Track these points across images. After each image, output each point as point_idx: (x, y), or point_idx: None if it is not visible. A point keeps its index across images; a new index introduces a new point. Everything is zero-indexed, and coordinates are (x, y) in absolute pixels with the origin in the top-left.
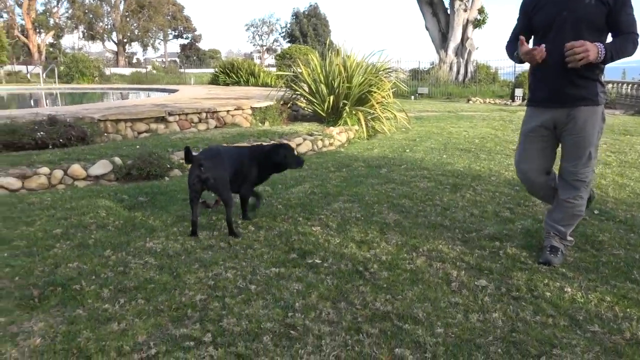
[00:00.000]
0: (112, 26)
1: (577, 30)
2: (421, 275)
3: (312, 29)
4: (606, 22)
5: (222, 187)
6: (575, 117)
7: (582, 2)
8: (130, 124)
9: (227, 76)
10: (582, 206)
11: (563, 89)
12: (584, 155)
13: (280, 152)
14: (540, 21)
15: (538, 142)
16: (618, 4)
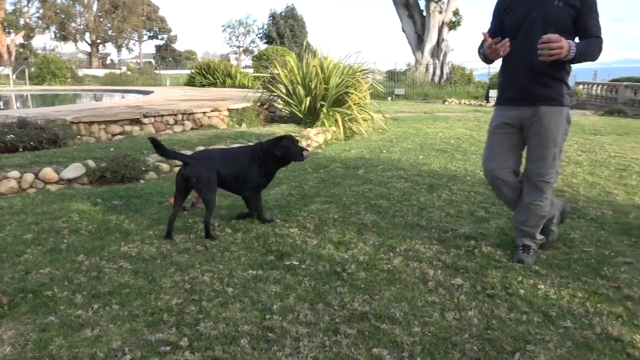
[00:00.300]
0: (85, 26)
1: (545, 31)
2: (398, 275)
3: (289, 30)
4: (574, 25)
5: (204, 187)
6: (541, 116)
7: (550, 5)
8: (104, 126)
9: (204, 77)
10: (547, 206)
11: (530, 87)
12: (549, 156)
13: (282, 144)
14: (511, 22)
15: (505, 138)
16: (585, 8)
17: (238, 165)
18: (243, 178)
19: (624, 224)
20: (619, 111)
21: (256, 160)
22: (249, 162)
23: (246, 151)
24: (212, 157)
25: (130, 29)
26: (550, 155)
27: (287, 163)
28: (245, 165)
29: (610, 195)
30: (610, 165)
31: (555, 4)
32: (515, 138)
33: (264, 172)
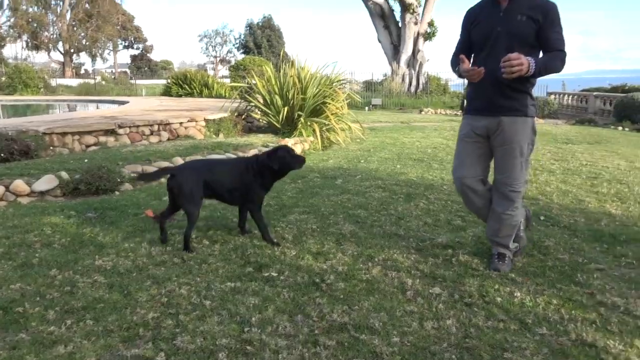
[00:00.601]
0: (58, 36)
1: (510, 45)
2: (377, 285)
3: (266, 40)
4: (537, 38)
5: (184, 198)
6: (506, 127)
7: (514, 20)
8: (78, 137)
9: (180, 87)
10: (518, 216)
11: (495, 99)
12: (516, 166)
13: (278, 155)
14: (477, 35)
15: (473, 147)
16: (547, 22)
17: (232, 177)
18: (242, 191)
19: (595, 231)
20: (590, 120)
21: (251, 172)
22: (244, 174)
23: (240, 163)
24: (198, 168)
25: (105, 38)
26: (518, 165)
27: (285, 174)
28: (241, 178)
29: (583, 202)
30: (582, 174)
31: (518, 19)
32: (483, 147)
33: (262, 184)
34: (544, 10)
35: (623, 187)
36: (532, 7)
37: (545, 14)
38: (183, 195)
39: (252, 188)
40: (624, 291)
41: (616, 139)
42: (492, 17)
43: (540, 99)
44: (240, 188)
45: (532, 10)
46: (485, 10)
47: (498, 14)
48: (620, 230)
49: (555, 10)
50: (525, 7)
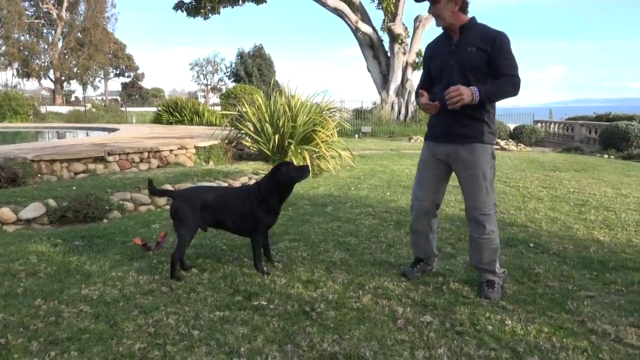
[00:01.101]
0: (49, 64)
1: (463, 75)
2: (368, 314)
3: (257, 69)
4: (488, 66)
5: (178, 221)
6: (465, 154)
7: (465, 52)
8: (67, 164)
9: (171, 115)
10: (496, 239)
11: (452, 127)
12: (482, 190)
13: (282, 171)
14: (435, 68)
15: (433, 170)
16: (495, 51)
17: (236, 206)
18: (249, 220)
19: (585, 258)
20: (576, 148)
21: (256, 200)
22: (249, 202)
23: (244, 191)
24: (199, 194)
25: (96, 66)
26: (483, 189)
27: (290, 191)
28: (246, 206)
29: (571, 230)
30: (569, 201)
31: (469, 51)
32: (441, 170)
33: (268, 211)
34: (492, 40)
35: (610, 214)
36: (481, 39)
37: (493, 43)
38: (178, 218)
39: (257, 216)
40: (614, 318)
41: (602, 166)
42: (445, 50)
43: (527, 127)
44: (251, 216)
45: (481, 42)
46: (440, 44)
47: (450, 47)
48: (608, 257)
49: (503, 39)
50: (475, 39)
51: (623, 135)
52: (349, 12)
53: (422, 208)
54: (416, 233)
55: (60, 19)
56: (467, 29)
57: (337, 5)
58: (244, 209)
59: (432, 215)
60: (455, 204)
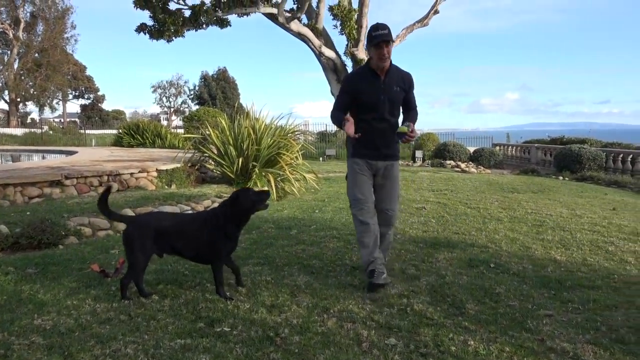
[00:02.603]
0: (4, 84)
1: (391, 109)
2: (332, 337)
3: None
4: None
5: (129, 248)
6: (390, 169)
7: (392, 90)
8: (21, 189)
9: (132, 137)
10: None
11: (383, 149)
12: (397, 195)
13: (240, 199)
14: (367, 101)
15: (366, 179)
16: (410, 90)
17: (193, 233)
18: (208, 248)
19: (543, 277)
20: (533, 170)
21: (215, 227)
22: (207, 230)
23: (201, 218)
24: (153, 220)
25: (55, 87)
26: (397, 195)
27: (248, 218)
28: (204, 234)
29: (530, 249)
30: (528, 222)
31: (394, 89)
32: (371, 181)
33: (229, 237)
34: (407, 80)
35: (566, 234)
36: (400, 80)
37: (409, 83)
38: (126, 243)
39: (216, 244)
40: (572, 336)
41: (557, 188)
42: (376, 87)
43: (486, 150)
44: (203, 245)
45: (401, 82)
46: (367, 79)
47: (380, 85)
48: (565, 276)
49: (412, 80)
50: (396, 80)
51: (576, 158)
52: (313, 37)
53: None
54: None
55: (17, 39)
56: (391, 70)
57: (300, 30)
58: (201, 237)
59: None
60: (419, 226)
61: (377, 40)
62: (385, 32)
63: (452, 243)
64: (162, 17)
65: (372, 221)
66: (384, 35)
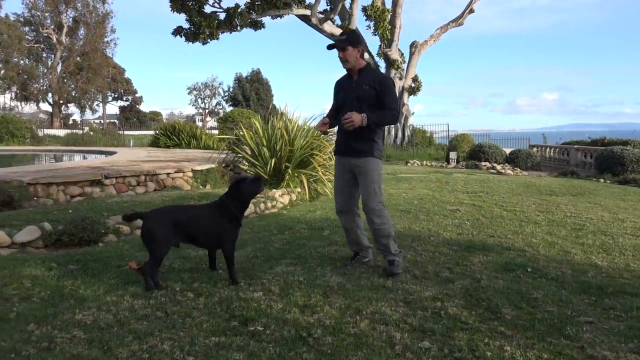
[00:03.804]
0: (47, 87)
1: (360, 106)
2: (365, 339)
3: (254, 93)
4: (377, 101)
5: (149, 240)
6: (362, 165)
7: (361, 88)
8: (63, 188)
9: (168, 138)
10: (386, 225)
11: (352, 144)
12: (372, 191)
13: (241, 187)
14: (340, 100)
15: (343, 178)
16: (382, 90)
17: (205, 221)
18: (219, 234)
19: (583, 282)
20: (572, 172)
21: (224, 214)
22: (218, 217)
23: (210, 208)
24: (168, 213)
25: (95, 90)
26: (371, 189)
27: (248, 203)
28: (215, 221)
29: (569, 254)
30: (567, 225)
31: (364, 88)
32: (350, 179)
33: (237, 222)
34: (380, 81)
35: (607, 239)
36: (372, 80)
37: (380, 83)
38: (150, 239)
39: (227, 229)
40: (614, 344)
41: (598, 191)
42: (348, 87)
43: (523, 152)
44: (220, 231)
45: (372, 82)
46: (344, 82)
47: (351, 85)
48: (607, 282)
49: (387, 82)
50: (368, 80)
51: (618, 160)
52: None
53: (342, 210)
54: (346, 230)
55: (60, 43)
56: (364, 72)
57: (333, 31)
58: (213, 224)
59: (354, 215)
60: (453, 229)
61: (329, 47)
62: (342, 37)
63: (487, 246)
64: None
65: (349, 225)
66: (336, 41)
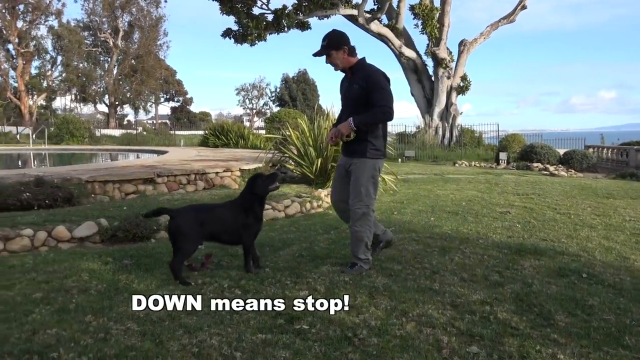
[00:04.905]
0: (104, 89)
1: (353, 105)
2: (411, 342)
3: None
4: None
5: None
6: (354, 165)
7: (352, 88)
8: (118, 185)
9: (217, 138)
10: (363, 230)
11: (345, 145)
12: (357, 192)
13: (257, 184)
14: (341, 100)
15: (340, 177)
16: (369, 87)
17: (228, 219)
18: (241, 229)
19: None
20: (631, 174)
21: (245, 210)
22: (237, 213)
23: (231, 205)
24: (196, 210)
25: (148, 91)
26: (357, 192)
27: (265, 199)
28: (237, 218)
29: (628, 260)
30: (625, 230)
31: (354, 87)
32: (345, 177)
33: (257, 218)
34: (367, 78)
35: None
36: (361, 78)
37: (367, 81)
38: (181, 234)
39: (248, 225)
40: None
41: None
42: (343, 87)
43: (577, 152)
44: (241, 226)
45: (360, 80)
46: (344, 81)
47: (346, 83)
48: None
49: (374, 77)
50: (357, 78)
51: None
52: (393, 37)
53: (339, 208)
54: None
55: (116, 47)
56: (356, 69)
57: (380, 31)
58: (235, 221)
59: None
60: (503, 231)
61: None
62: (323, 44)
63: (539, 250)
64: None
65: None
66: (320, 49)
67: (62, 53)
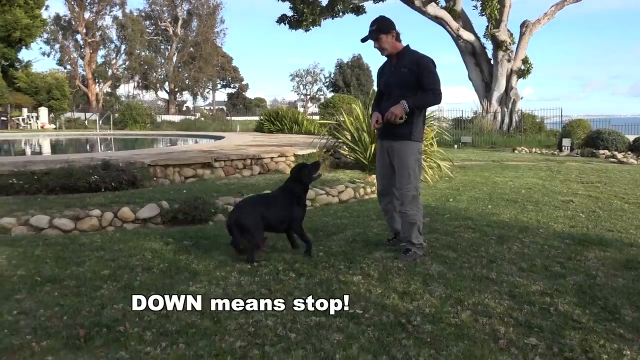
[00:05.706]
0: (165, 76)
1: (402, 90)
2: (466, 330)
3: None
4: (418, 83)
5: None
6: (397, 148)
7: (401, 73)
8: (178, 169)
9: (272, 124)
10: (414, 213)
11: (389, 127)
12: (405, 175)
13: (303, 172)
14: (383, 85)
15: (384, 162)
16: (420, 70)
17: (279, 208)
18: (290, 217)
19: None
20: None
21: (293, 197)
22: (287, 202)
23: (281, 195)
24: (255, 203)
25: (206, 78)
26: (405, 174)
27: (308, 187)
28: (286, 207)
29: None
30: None
31: (402, 71)
32: (387, 162)
33: (303, 205)
34: (417, 62)
35: None
36: (410, 62)
37: (418, 64)
38: (248, 226)
39: (299, 211)
40: None
41: None
42: (388, 72)
43: None
44: (291, 214)
45: (410, 64)
46: (385, 67)
47: (391, 69)
48: None
49: (424, 62)
50: (406, 62)
51: None
52: (450, 19)
53: (382, 192)
54: (385, 212)
55: (176, 35)
56: (402, 54)
57: (437, 13)
58: (285, 209)
59: (392, 197)
60: (565, 221)
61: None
62: (372, 28)
63: (604, 241)
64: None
65: (387, 207)
66: (368, 33)
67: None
